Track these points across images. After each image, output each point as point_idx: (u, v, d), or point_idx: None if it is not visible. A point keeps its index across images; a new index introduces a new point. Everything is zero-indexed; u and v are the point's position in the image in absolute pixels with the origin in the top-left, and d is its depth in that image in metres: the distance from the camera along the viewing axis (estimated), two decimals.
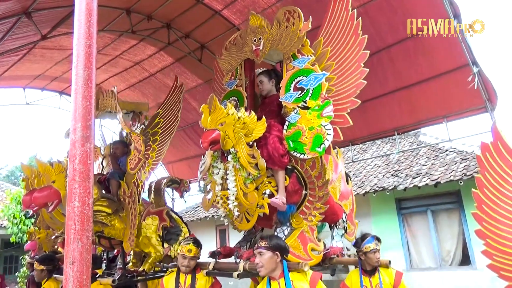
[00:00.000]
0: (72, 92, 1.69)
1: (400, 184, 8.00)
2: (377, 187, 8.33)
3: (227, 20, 6.66)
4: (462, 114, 6.07)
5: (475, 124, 6.41)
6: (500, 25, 37.53)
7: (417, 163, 9.01)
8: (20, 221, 11.86)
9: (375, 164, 10.14)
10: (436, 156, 9.04)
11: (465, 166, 7.66)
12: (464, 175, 7.18)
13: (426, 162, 8.88)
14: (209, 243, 11.26)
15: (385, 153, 10.32)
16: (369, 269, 3.54)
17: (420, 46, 5.66)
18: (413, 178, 8.12)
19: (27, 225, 11.54)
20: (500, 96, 5.61)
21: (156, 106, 7.50)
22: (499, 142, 2.62)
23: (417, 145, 10.05)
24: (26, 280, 8.09)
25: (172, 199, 9.76)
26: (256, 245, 2.75)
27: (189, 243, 3.39)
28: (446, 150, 9.04)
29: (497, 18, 37.57)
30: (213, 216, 10.79)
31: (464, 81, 5.39)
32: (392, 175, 8.84)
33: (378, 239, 3.54)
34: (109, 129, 8.15)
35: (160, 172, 10.65)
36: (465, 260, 7.58)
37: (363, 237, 3.62)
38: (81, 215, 1.53)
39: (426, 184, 7.54)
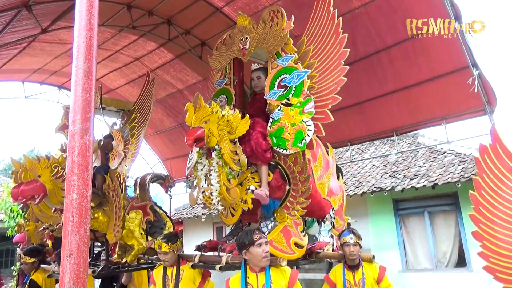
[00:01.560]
0: (72, 84, 1.68)
1: (397, 185, 8.02)
2: (374, 187, 8.35)
3: (228, 17, 6.64)
4: (461, 116, 6.07)
5: (474, 126, 6.43)
6: (500, 26, 37.61)
7: (415, 165, 9.03)
8: (17, 215, 11.82)
9: (373, 165, 10.15)
10: (434, 157, 9.06)
11: (463, 168, 7.68)
12: (462, 177, 7.20)
13: (424, 163, 8.90)
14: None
15: (383, 153, 10.33)
16: (350, 264, 3.58)
17: (420, 47, 5.66)
18: (411, 179, 8.14)
19: None
20: (499, 99, 5.62)
21: (155, 102, 7.49)
22: (497, 144, 2.62)
23: (416, 146, 10.07)
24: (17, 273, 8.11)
25: (170, 196, 9.74)
26: (262, 235, 2.86)
27: (159, 240, 3.55)
28: (444, 152, 9.06)
29: (496, 19, 37.64)
30: (210, 213, 10.80)
31: (463, 83, 5.39)
32: (390, 176, 8.86)
33: (354, 233, 3.57)
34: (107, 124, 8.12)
35: (158, 169, 10.65)
36: (461, 261, 7.61)
37: (343, 230, 3.72)
38: (79, 207, 1.52)
39: (424, 186, 7.56)
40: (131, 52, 8.03)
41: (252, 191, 3.17)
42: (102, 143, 4.85)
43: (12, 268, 11.89)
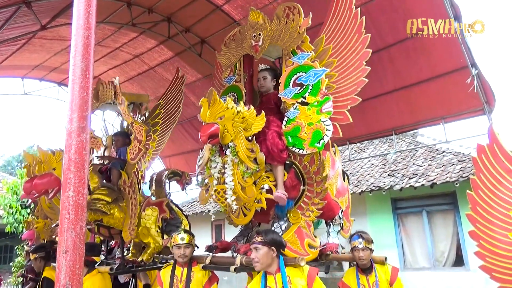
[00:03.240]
0: (69, 83, 1.69)
1: (396, 184, 8.03)
2: (373, 186, 8.36)
3: (228, 15, 6.63)
4: (460, 115, 6.08)
5: (473, 126, 6.45)
6: (499, 26, 37.57)
7: (414, 164, 9.04)
8: (16, 211, 11.85)
9: (372, 164, 10.17)
10: (433, 157, 9.07)
11: (461, 167, 7.69)
12: (460, 176, 7.21)
13: (423, 162, 8.91)
14: (205, 238, 11.28)
15: (382, 152, 10.35)
16: (362, 267, 3.55)
17: (420, 46, 5.66)
18: (410, 178, 8.15)
19: (23, 215, 11.54)
20: (498, 99, 5.62)
21: (155, 100, 7.47)
22: (495, 144, 2.63)
23: (415, 145, 10.08)
24: (22, 270, 8.10)
25: (169, 193, 9.74)
26: (252, 240, 2.77)
27: (181, 232, 3.48)
28: (443, 152, 9.08)
29: (496, 19, 37.59)
30: (209, 211, 10.82)
31: (463, 83, 5.40)
32: (388, 175, 8.87)
33: (363, 238, 3.53)
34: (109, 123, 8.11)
35: (157, 166, 10.65)
36: (459, 261, 7.63)
37: (353, 234, 3.68)
38: (75, 205, 1.53)
39: (422, 185, 7.57)
40: (130, 49, 8.02)
41: (267, 190, 3.10)
42: (113, 139, 4.75)
43: (11, 264, 11.92)
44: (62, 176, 1.58)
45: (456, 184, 7.14)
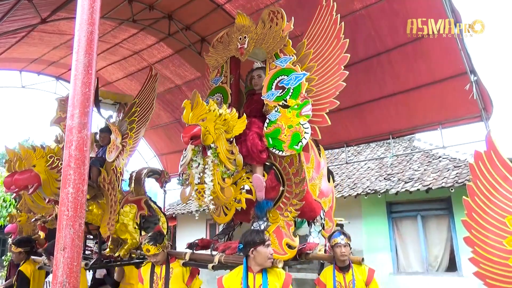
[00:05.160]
0: (71, 78, 1.67)
1: (392, 188, 8.05)
2: (369, 189, 8.38)
3: (229, 14, 6.63)
4: (458, 121, 6.10)
5: (469, 132, 6.48)
6: (497, 33, 37.78)
7: (410, 168, 9.07)
8: (10, 204, 11.78)
9: (368, 167, 10.19)
10: (429, 162, 9.10)
11: (457, 173, 7.72)
12: (456, 182, 7.24)
13: (419, 167, 8.94)
14: (199, 236, 11.25)
15: (379, 156, 10.37)
16: (340, 265, 3.61)
17: (420, 51, 5.68)
18: (405, 182, 8.18)
19: None
20: (496, 105, 5.64)
21: None
22: (492, 151, 2.64)
23: (411, 150, 10.11)
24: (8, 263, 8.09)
25: (164, 191, 9.70)
26: (268, 236, 2.86)
27: (145, 244, 3.49)
28: (439, 157, 9.11)
29: (495, 25, 37.80)
30: (203, 209, 10.77)
31: (461, 89, 5.42)
32: (384, 178, 8.89)
33: (345, 234, 3.61)
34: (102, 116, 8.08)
35: (154, 164, 10.61)
36: (452, 266, 7.66)
37: (333, 232, 3.74)
38: (74, 202, 1.52)
39: (418, 189, 7.60)
40: (130, 45, 8.00)
41: (247, 191, 3.17)
42: (98, 136, 4.82)
43: (3, 258, 11.85)
44: (62, 172, 1.57)
45: (452, 189, 7.18)
